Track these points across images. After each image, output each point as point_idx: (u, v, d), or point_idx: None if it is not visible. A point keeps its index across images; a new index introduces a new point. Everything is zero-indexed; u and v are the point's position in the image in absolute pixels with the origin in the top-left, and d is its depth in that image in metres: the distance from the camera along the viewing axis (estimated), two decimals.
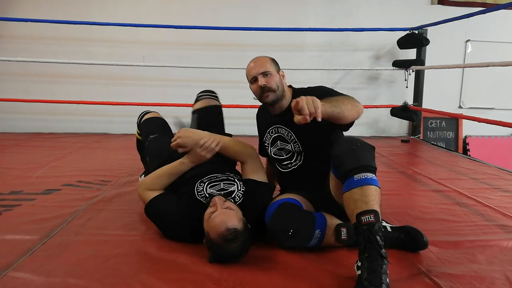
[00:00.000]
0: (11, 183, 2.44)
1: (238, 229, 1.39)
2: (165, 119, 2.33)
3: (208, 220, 1.45)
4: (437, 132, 5.04)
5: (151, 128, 2.23)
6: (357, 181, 1.36)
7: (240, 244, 1.41)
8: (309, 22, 4.64)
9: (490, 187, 2.61)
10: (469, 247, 1.64)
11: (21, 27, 4.34)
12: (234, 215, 1.44)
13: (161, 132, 2.20)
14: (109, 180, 2.58)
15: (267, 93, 1.72)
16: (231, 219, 1.41)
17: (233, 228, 1.38)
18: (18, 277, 1.34)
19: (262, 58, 1.78)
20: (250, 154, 1.81)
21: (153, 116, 2.32)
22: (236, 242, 1.39)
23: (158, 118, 2.32)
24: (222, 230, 1.38)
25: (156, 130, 2.20)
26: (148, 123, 2.28)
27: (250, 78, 1.77)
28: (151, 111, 2.37)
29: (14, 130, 4.44)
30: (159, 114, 2.35)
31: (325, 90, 1.75)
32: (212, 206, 1.49)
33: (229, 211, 1.45)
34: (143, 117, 2.33)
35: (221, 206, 1.46)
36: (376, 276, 1.22)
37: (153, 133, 2.18)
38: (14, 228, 1.75)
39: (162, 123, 2.29)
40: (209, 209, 1.49)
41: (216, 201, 1.48)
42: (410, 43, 4.39)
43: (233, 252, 1.41)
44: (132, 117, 4.39)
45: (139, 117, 2.36)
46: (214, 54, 4.56)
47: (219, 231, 1.38)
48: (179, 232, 1.61)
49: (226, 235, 1.38)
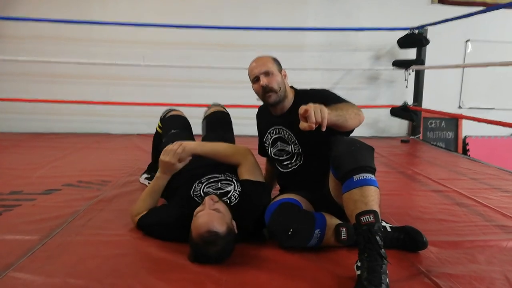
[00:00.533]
0: (11, 183, 2.44)
1: (219, 233, 1.37)
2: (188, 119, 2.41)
3: (193, 218, 1.44)
4: (437, 132, 5.04)
5: (174, 124, 2.30)
6: (357, 181, 1.36)
7: (220, 248, 1.39)
8: (309, 22, 4.64)
9: (490, 187, 2.62)
10: (468, 247, 1.65)
11: (21, 27, 4.34)
12: (219, 218, 1.41)
13: (182, 129, 2.27)
14: (109, 180, 2.58)
15: (269, 93, 1.72)
16: (214, 221, 1.39)
17: (214, 231, 1.36)
18: (18, 278, 1.34)
19: (264, 58, 1.78)
20: (243, 155, 1.80)
21: (178, 114, 2.40)
22: (215, 245, 1.38)
23: (182, 116, 2.40)
24: (202, 231, 1.37)
25: (179, 126, 2.27)
26: (172, 119, 2.35)
27: (252, 77, 1.77)
28: (177, 110, 2.46)
29: (14, 130, 4.45)
30: (183, 114, 2.43)
31: (327, 94, 1.75)
32: (202, 205, 1.48)
33: (216, 213, 1.42)
34: (169, 113, 2.40)
35: (209, 207, 1.44)
36: (375, 276, 1.22)
37: (175, 128, 2.24)
38: (14, 228, 1.75)
39: (185, 122, 2.37)
40: (198, 208, 1.48)
41: (206, 201, 1.47)
42: (410, 43, 4.39)
43: (211, 255, 1.40)
44: (132, 117, 4.39)
45: (164, 112, 2.43)
46: (214, 54, 4.56)
47: (200, 232, 1.37)
48: (177, 233, 1.60)
49: (206, 237, 1.36)
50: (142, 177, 2.54)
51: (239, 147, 1.86)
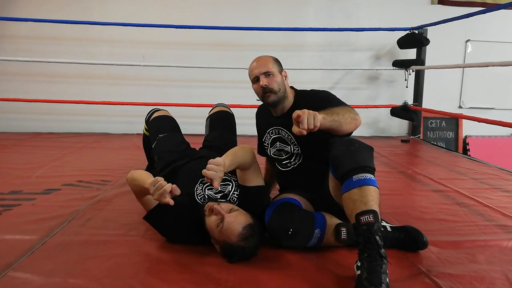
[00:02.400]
0: (11, 183, 2.44)
1: (251, 223, 1.44)
2: (174, 118, 2.34)
3: (220, 229, 1.44)
4: (437, 132, 5.04)
5: (160, 127, 2.23)
6: (356, 181, 1.36)
7: (257, 235, 1.45)
8: (309, 22, 4.64)
9: (490, 187, 2.61)
10: (469, 247, 1.64)
11: (21, 27, 4.34)
12: (241, 214, 1.47)
13: (170, 131, 2.21)
14: (109, 180, 2.57)
15: (269, 93, 1.72)
16: (241, 219, 1.44)
17: (247, 224, 1.43)
18: (18, 277, 1.34)
19: (265, 58, 1.77)
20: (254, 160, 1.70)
21: (163, 114, 2.32)
22: (253, 236, 1.43)
23: (167, 116, 2.32)
24: (238, 232, 1.41)
25: (166, 129, 2.21)
26: (157, 121, 2.27)
27: (252, 77, 1.76)
28: (161, 109, 2.37)
29: (14, 130, 4.44)
30: (169, 113, 2.36)
31: (327, 96, 1.74)
32: (215, 214, 1.47)
33: (235, 212, 1.47)
34: (152, 114, 2.31)
35: (225, 211, 1.46)
36: (375, 276, 1.22)
37: (162, 132, 2.18)
38: (14, 228, 1.75)
39: (172, 122, 2.29)
40: (212, 218, 1.47)
41: (218, 210, 1.46)
42: (410, 43, 4.39)
43: (255, 244, 1.45)
44: (132, 117, 4.38)
45: (148, 113, 2.35)
46: (214, 54, 4.56)
47: (236, 234, 1.41)
48: (182, 236, 1.59)
49: (244, 234, 1.41)
50: None
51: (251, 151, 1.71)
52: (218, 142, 2.14)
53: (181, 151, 2.04)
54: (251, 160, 1.68)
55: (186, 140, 2.21)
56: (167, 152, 2.03)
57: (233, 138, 2.25)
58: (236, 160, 1.57)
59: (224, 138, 2.17)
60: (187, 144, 2.18)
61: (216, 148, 2.05)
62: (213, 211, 1.48)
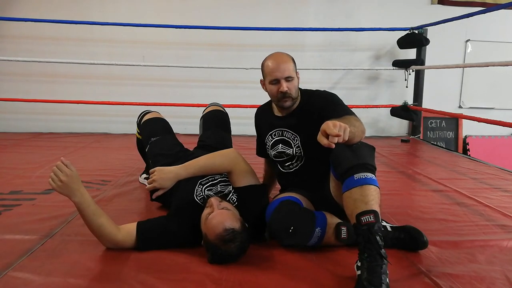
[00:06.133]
0: (11, 183, 2.44)
1: (235, 229, 1.39)
2: (165, 119, 2.32)
3: (205, 221, 1.44)
4: (437, 132, 5.04)
5: (152, 129, 2.20)
6: (357, 180, 1.35)
7: (239, 244, 1.40)
8: (309, 22, 4.64)
9: (490, 187, 2.61)
10: (469, 247, 1.64)
11: (21, 27, 4.34)
12: (231, 215, 1.43)
13: (162, 133, 2.18)
14: (109, 180, 2.57)
15: (286, 98, 1.69)
16: (228, 219, 1.40)
17: (230, 228, 1.38)
18: (18, 277, 1.34)
19: (286, 59, 1.69)
20: (232, 161, 1.73)
21: (154, 116, 2.29)
22: (234, 242, 1.39)
23: (159, 118, 2.29)
24: (220, 231, 1.38)
25: (158, 132, 2.18)
26: (149, 124, 2.25)
27: (271, 78, 1.68)
28: (151, 111, 2.35)
29: (14, 130, 4.44)
30: (160, 114, 2.33)
31: (334, 100, 1.72)
32: (208, 207, 1.48)
33: (226, 211, 1.44)
34: (143, 117, 2.29)
35: (218, 207, 1.45)
36: (375, 276, 1.22)
37: (154, 135, 2.15)
38: (14, 228, 1.75)
39: (163, 123, 2.27)
40: (206, 210, 1.48)
41: (212, 202, 1.47)
42: (410, 43, 4.39)
43: (231, 252, 1.40)
44: (132, 117, 4.41)
45: (139, 116, 2.33)
46: (214, 54, 4.56)
47: (217, 232, 1.38)
48: (184, 240, 1.58)
49: (224, 236, 1.37)
50: (141, 177, 2.54)
51: (227, 153, 1.77)
52: (212, 141, 2.13)
53: (175, 154, 2.03)
54: (229, 163, 1.71)
55: (179, 141, 2.20)
56: (161, 155, 2.02)
57: (227, 136, 2.23)
58: (192, 166, 1.71)
59: (217, 137, 2.16)
60: (180, 145, 2.17)
61: (210, 147, 2.04)
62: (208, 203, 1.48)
